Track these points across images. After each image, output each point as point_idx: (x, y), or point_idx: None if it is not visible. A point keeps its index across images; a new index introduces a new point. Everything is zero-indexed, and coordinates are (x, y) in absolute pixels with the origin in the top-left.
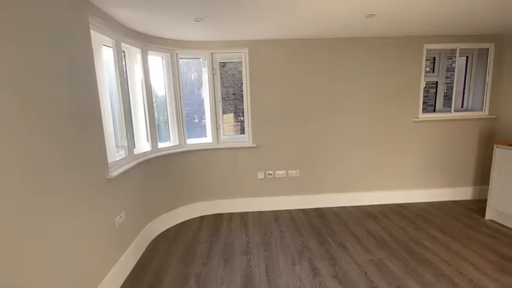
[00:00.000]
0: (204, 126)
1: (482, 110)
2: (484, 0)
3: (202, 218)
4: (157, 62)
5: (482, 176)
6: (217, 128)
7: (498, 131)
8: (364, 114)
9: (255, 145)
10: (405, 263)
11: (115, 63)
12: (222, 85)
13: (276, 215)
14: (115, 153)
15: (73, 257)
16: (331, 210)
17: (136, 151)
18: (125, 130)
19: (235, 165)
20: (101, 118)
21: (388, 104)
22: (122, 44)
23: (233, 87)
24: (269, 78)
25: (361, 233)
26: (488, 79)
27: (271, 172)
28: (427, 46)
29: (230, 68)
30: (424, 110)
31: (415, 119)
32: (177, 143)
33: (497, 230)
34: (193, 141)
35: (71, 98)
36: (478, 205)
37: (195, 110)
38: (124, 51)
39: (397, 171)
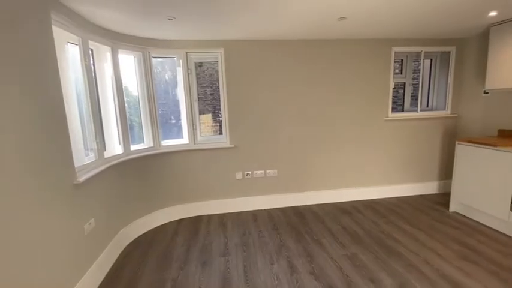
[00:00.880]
0: (180, 127)
1: (445, 109)
2: (445, 9)
3: (179, 222)
4: (129, 60)
5: (447, 171)
6: (193, 129)
7: (459, 129)
8: (339, 114)
9: (232, 145)
10: (377, 255)
11: (81, 62)
12: (199, 85)
13: (254, 215)
14: (83, 156)
15: (36, 269)
16: (308, 208)
17: (107, 154)
18: (93, 132)
19: (213, 167)
20: (66, 119)
21: (361, 104)
22: (89, 41)
23: (211, 87)
24: (246, 78)
25: (336, 229)
26: (450, 80)
27: (250, 172)
28: (395, 49)
29: (207, 68)
30: (394, 110)
31: (386, 118)
32: (152, 145)
33: (460, 221)
34: (169, 143)
35: (31, 97)
36: (443, 198)
37: (171, 111)
38: (92, 49)
39: (370, 169)
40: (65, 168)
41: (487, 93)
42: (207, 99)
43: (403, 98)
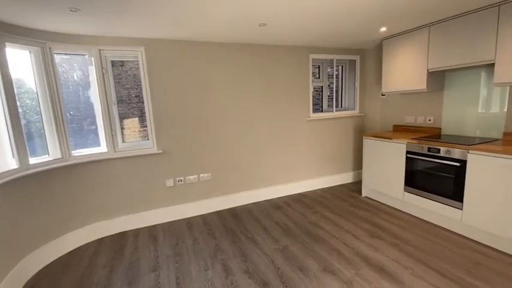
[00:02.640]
0: (98, 134)
1: (354, 109)
2: (348, 25)
3: (100, 241)
4: (25, 56)
5: (359, 162)
6: (112, 135)
7: (366, 125)
8: (266, 115)
9: (160, 151)
10: (305, 245)
11: None
12: (122, 86)
13: (189, 222)
14: None
15: None
16: (244, 207)
17: None
18: None
19: (139, 175)
20: None
21: (286, 105)
22: None
23: (136, 88)
24: (171, 80)
25: (270, 224)
26: (357, 84)
27: (182, 178)
28: (312, 56)
29: (131, 68)
30: (315, 111)
31: (308, 118)
32: (59, 156)
33: (369, 204)
34: (83, 152)
35: None
36: (357, 186)
37: (84, 116)
38: None
39: (298, 165)
40: None
41: (384, 95)
42: (132, 102)
43: (321, 100)
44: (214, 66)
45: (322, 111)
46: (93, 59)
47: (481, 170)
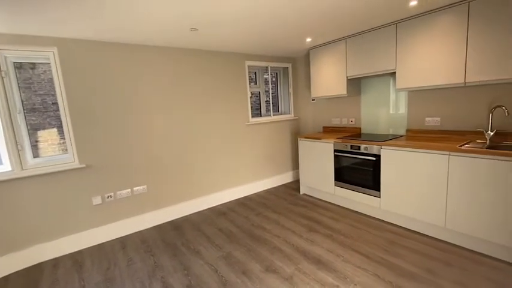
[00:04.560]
0: None
1: (290, 113)
2: (281, 34)
3: (5, 279)
4: None
5: (296, 162)
6: (18, 150)
7: (301, 128)
8: (205, 122)
9: (83, 165)
10: (248, 248)
11: None
12: (34, 92)
13: (122, 242)
14: None
15: None
16: (186, 218)
17: None
18: None
19: (56, 195)
20: None
21: (225, 111)
22: None
23: (53, 94)
24: (93, 85)
25: (213, 232)
26: (290, 90)
27: (111, 194)
28: (248, 62)
29: (44, 71)
30: (255, 115)
31: (247, 123)
32: None
33: (307, 200)
34: None
35: None
36: (297, 184)
37: None
38: None
39: (240, 169)
40: None
41: (314, 100)
42: (49, 110)
43: (260, 105)
44: (144, 70)
45: (260, 115)
46: None
47: (391, 162)
